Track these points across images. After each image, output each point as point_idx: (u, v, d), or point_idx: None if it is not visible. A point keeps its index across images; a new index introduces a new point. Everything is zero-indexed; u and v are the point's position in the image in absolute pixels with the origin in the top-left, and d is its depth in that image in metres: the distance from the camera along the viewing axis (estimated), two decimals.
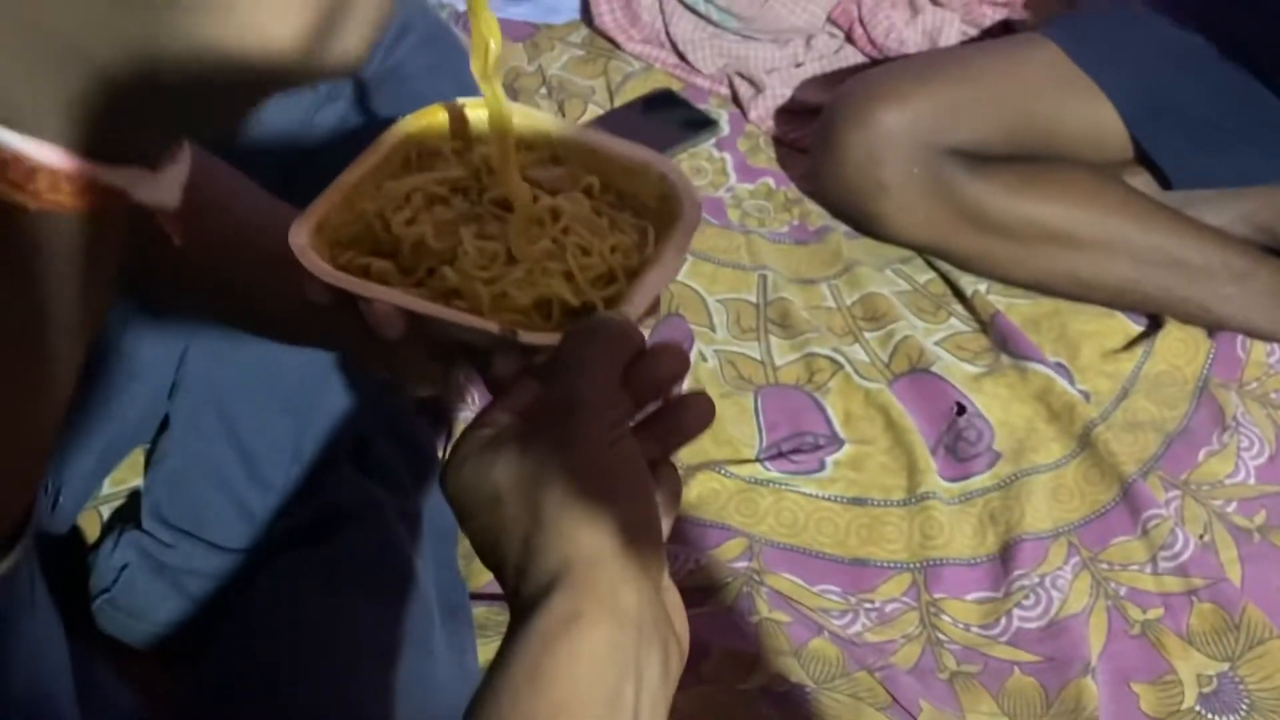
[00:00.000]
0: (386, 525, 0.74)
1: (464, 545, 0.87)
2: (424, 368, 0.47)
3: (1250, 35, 1.04)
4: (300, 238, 0.43)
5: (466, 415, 0.94)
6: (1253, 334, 1.02)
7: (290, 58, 0.26)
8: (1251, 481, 0.92)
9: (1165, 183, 1.06)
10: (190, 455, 0.79)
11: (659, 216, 0.47)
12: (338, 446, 0.80)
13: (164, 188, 0.31)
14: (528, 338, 0.41)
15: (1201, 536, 0.88)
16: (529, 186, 0.46)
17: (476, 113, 0.48)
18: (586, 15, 1.33)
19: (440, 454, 0.92)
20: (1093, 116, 1.05)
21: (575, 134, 0.49)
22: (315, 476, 0.78)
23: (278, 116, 0.74)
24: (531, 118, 0.48)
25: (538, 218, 0.45)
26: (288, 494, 0.79)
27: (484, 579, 0.84)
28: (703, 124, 1.23)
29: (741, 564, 0.86)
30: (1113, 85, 1.04)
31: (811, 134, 1.13)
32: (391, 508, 0.78)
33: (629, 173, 0.48)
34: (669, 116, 1.24)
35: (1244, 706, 0.79)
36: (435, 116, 0.49)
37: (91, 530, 0.83)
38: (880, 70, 1.09)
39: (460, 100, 0.49)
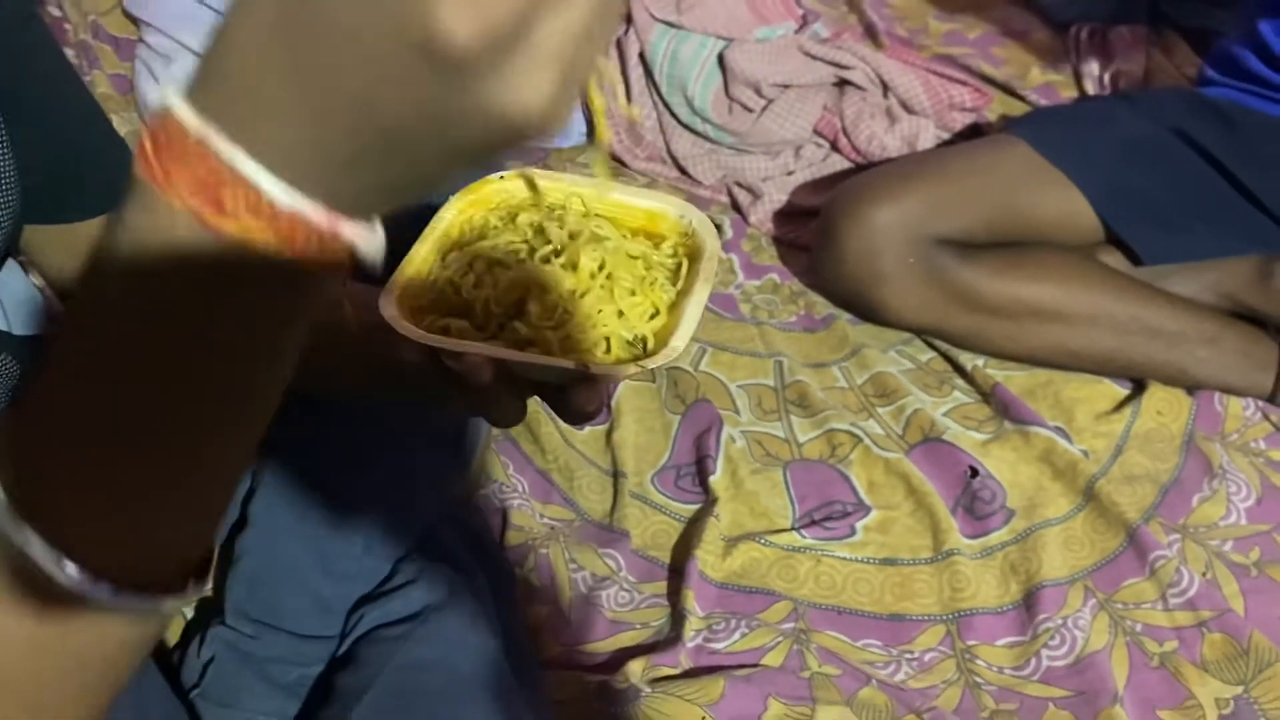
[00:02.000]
0: (466, 612, 0.79)
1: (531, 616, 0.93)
2: (508, 405, 0.53)
3: (1200, 131, 1.17)
4: (390, 309, 0.50)
5: (518, 503, 1.01)
6: (1228, 391, 1.11)
7: (538, 126, 0.28)
8: (1243, 522, 1.01)
9: (1136, 260, 1.17)
10: (268, 554, 0.85)
11: (686, 250, 0.55)
12: (405, 535, 0.86)
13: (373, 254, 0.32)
14: (598, 369, 0.49)
15: (1204, 574, 0.95)
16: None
17: (513, 184, 0.57)
18: (591, 133, 1.45)
19: (496, 537, 0.99)
20: (1065, 204, 1.16)
21: (603, 192, 0.57)
22: (385, 564, 0.85)
23: None
24: (564, 181, 0.56)
25: (589, 270, 0.53)
26: (362, 581, 0.85)
27: (553, 651, 0.91)
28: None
29: (788, 625, 0.93)
30: (1081, 176, 1.16)
31: (809, 233, 1.24)
32: (462, 590, 0.84)
33: (654, 217, 0.56)
34: None
35: None
36: (479, 193, 0.57)
37: (174, 631, 0.88)
38: (871, 173, 1.21)
39: (495, 175, 0.57)
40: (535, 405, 0.54)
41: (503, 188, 0.57)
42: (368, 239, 0.31)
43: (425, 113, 0.28)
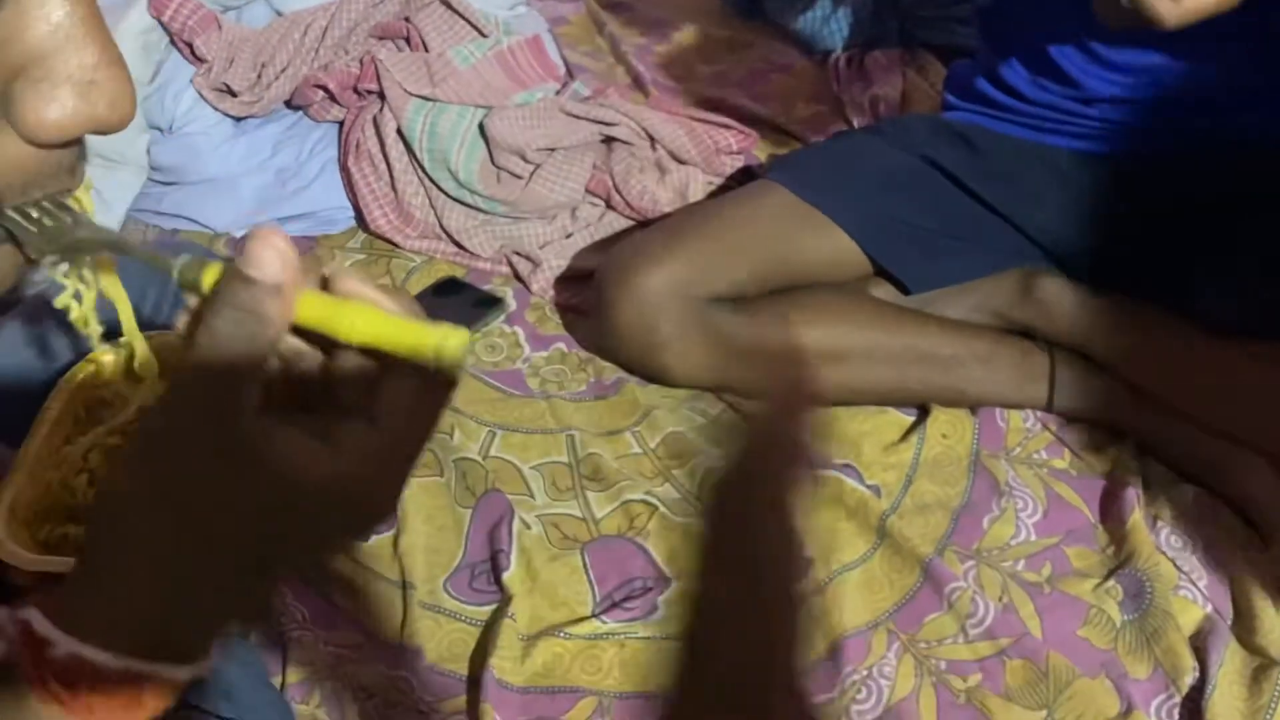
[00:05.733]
0: None
1: None
2: None
3: (946, 156, 1.19)
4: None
5: (298, 633, 0.94)
6: (1007, 405, 1.14)
7: None
8: (1033, 538, 1.02)
9: (904, 289, 1.18)
10: None
11: None
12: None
13: None
14: None
15: (1000, 599, 0.96)
16: None
17: (140, 346, 0.48)
18: (361, 221, 1.39)
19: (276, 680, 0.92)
20: (830, 244, 1.16)
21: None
22: None
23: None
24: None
25: None
26: None
27: None
28: (491, 303, 1.30)
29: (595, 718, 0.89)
30: (840, 213, 1.16)
31: (587, 300, 1.22)
32: None
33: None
34: (459, 301, 1.30)
35: None
36: (97, 363, 0.50)
37: None
38: (636, 238, 1.18)
39: (112, 344, 0.50)
40: None
41: (138, 349, 0.51)
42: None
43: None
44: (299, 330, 0.35)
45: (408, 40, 1.42)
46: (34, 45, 0.31)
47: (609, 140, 1.39)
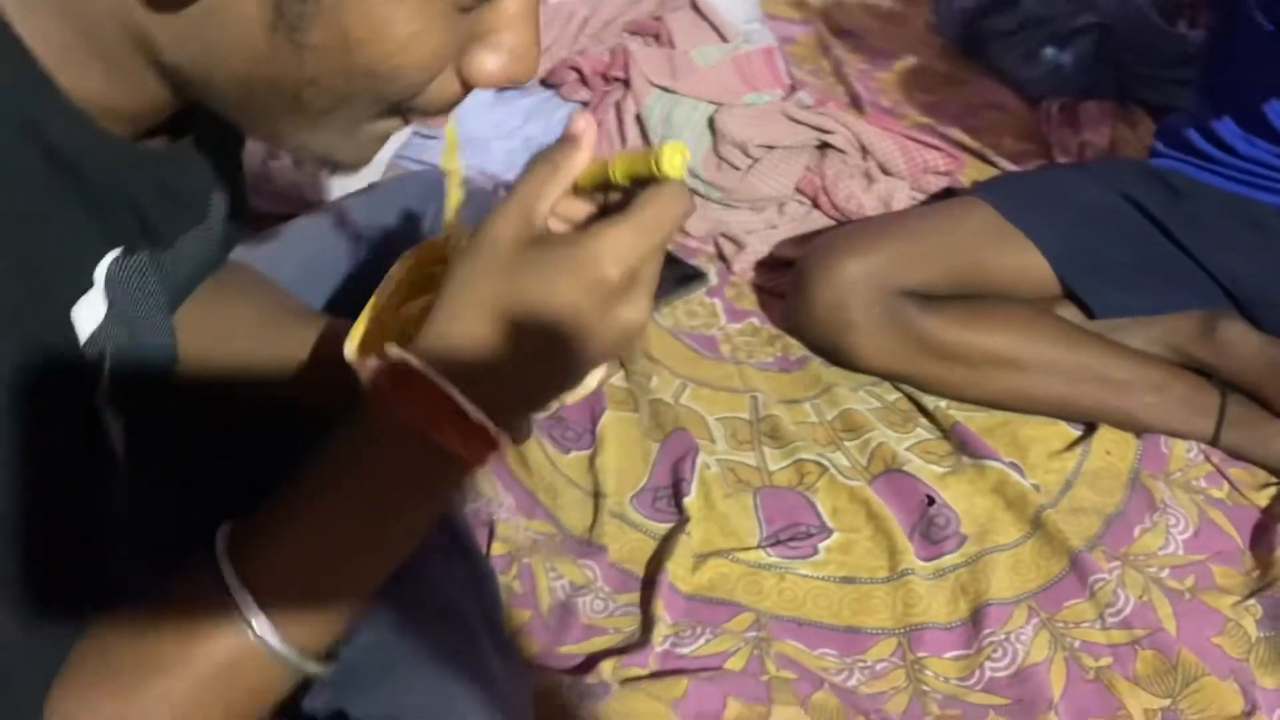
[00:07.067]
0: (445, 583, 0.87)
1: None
2: None
3: (1148, 198, 1.26)
4: (352, 354, 0.56)
5: (504, 516, 1.09)
6: (1173, 434, 1.19)
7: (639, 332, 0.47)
8: (1181, 552, 1.08)
9: (1089, 314, 1.25)
10: None
11: None
12: None
13: None
14: None
15: (1141, 597, 1.02)
16: None
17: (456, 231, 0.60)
18: None
19: (483, 549, 1.07)
20: (1023, 262, 1.25)
21: None
22: None
23: None
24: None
25: None
26: None
27: (531, 652, 0.97)
28: (695, 276, 1.42)
29: (751, 634, 1.00)
30: (1039, 235, 1.24)
31: (787, 282, 1.33)
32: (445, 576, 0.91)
33: None
34: (666, 272, 1.44)
35: None
36: (427, 251, 0.62)
37: None
38: (843, 229, 1.30)
39: (438, 236, 0.63)
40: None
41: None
42: (509, 446, 0.48)
43: (584, 329, 0.45)
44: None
45: (657, 37, 1.58)
46: (502, 20, 0.46)
47: (824, 146, 1.51)
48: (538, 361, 0.47)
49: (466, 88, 0.49)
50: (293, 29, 0.43)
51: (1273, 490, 1.14)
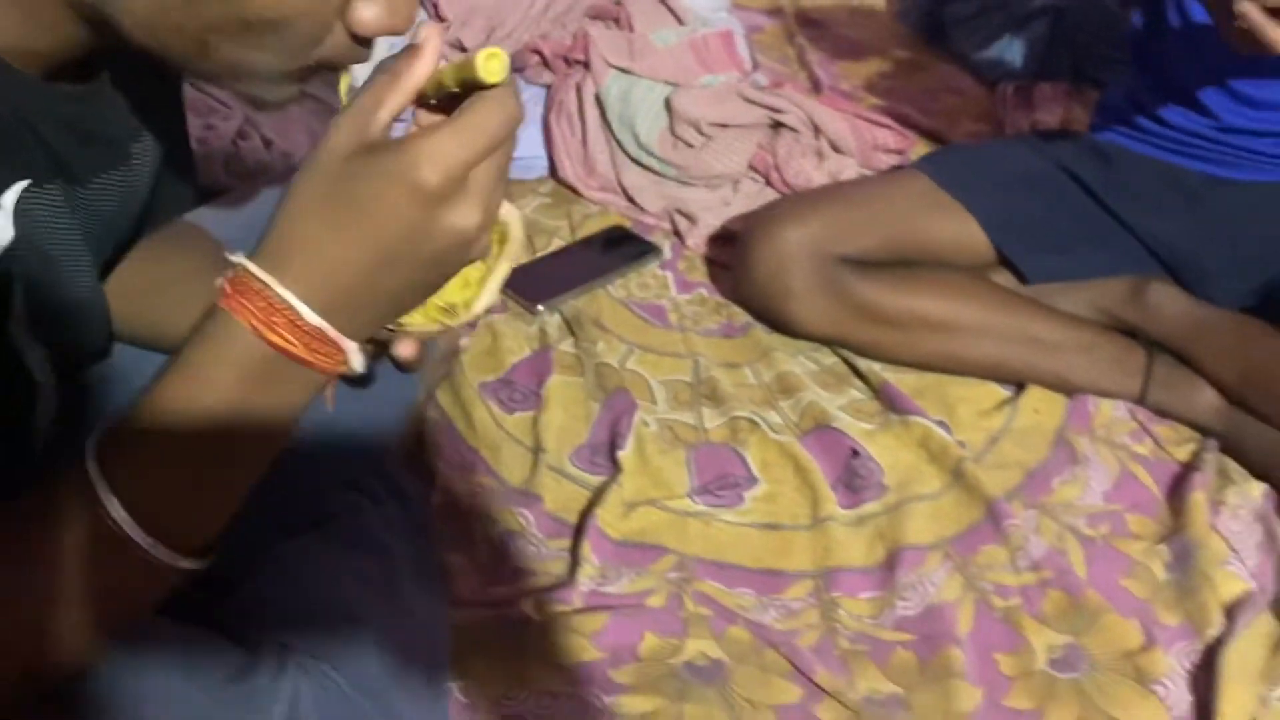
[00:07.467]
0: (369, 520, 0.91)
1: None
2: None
3: (1083, 168, 1.30)
4: None
5: (443, 468, 1.13)
6: (1101, 394, 1.22)
7: (473, 238, 0.49)
8: (1099, 502, 1.11)
9: (1023, 279, 1.29)
10: None
11: (499, 236, 0.63)
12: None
13: None
14: (410, 329, 0.61)
15: (1054, 543, 1.06)
16: None
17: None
18: (553, 170, 1.60)
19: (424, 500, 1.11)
20: (959, 229, 1.28)
21: None
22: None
23: None
24: None
25: None
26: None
27: (462, 593, 1.02)
28: (649, 250, 1.48)
29: (672, 574, 1.04)
30: (974, 203, 1.28)
31: (732, 256, 1.38)
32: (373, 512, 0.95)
33: None
34: (622, 247, 1.49)
35: (1085, 665, 0.95)
36: None
37: None
38: (783, 199, 1.34)
39: None
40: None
41: None
42: (358, 356, 0.51)
43: (410, 235, 0.48)
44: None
45: (617, 20, 1.63)
46: None
47: (777, 125, 1.55)
48: (372, 267, 0.49)
49: (358, 41, 0.52)
50: None
51: (1194, 447, 1.17)
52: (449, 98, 0.54)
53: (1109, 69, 1.68)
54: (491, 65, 0.50)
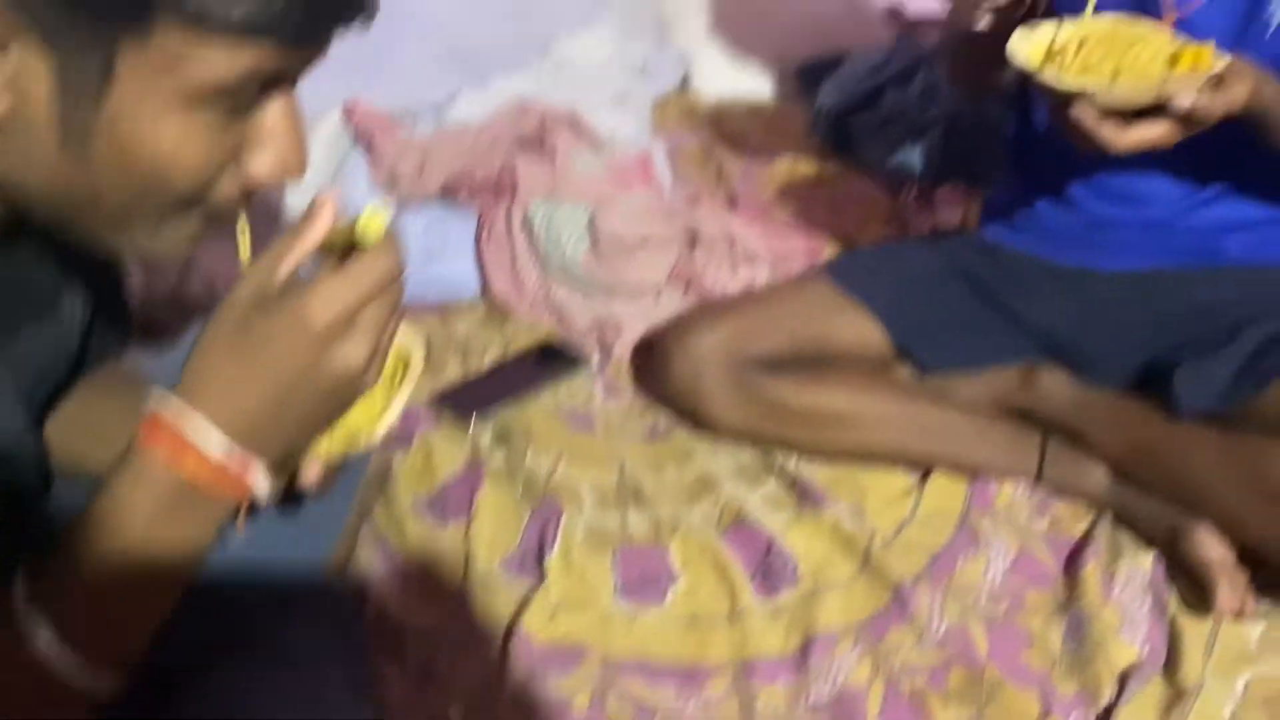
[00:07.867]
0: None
1: None
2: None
3: (973, 265, 1.40)
4: None
5: (376, 588, 1.18)
6: (999, 474, 1.30)
7: (359, 377, 0.54)
8: (999, 580, 1.17)
9: (921, 372, 1.37)
10: None
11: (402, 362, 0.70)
12: None
13: None
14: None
15: (957, 621, 1.11)
16: None
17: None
18: (485, 290, 1.68)
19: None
20: (860, 328, 1.37)
21: None
22: None
23: None
24: None
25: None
26: None
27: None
28: (578, 362, 1.55)
29: (597, 675, 1.08)
30: (873, 303, 1.37)
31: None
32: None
33: None
34: (552, 360, 1.56)
35: None
36: None
37: None
38: (697, 306, 1.43)
39: None
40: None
41: None
42: (263, 485, 0.56)
43: (305, 370, 0.54)
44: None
45: (542, 142, 1.74)
46: (266, 127, 0.57)
47: (694, 238, 1.65)
48: (274, 400, 0.55)
49: (248, 189, 0.59)
50: (79, 145, 0.53)
51: (1089, 522, 1.24)
52: (350, 249, 0.61)
53: (995, 171, 1.80)
54: (372, 226, 0.57)
